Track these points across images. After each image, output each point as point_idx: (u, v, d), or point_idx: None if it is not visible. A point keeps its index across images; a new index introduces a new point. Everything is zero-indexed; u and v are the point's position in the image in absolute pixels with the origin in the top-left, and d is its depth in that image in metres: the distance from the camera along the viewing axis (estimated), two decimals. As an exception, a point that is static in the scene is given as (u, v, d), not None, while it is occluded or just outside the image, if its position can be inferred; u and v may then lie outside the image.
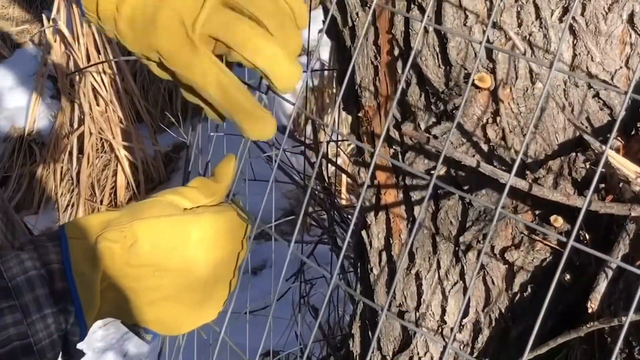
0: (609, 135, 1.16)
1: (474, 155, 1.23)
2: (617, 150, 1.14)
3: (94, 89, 4.22)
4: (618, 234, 1.06)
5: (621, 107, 1.17)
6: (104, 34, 1.05)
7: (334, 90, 3.50)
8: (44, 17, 4.72)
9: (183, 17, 0.98)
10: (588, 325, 1.06)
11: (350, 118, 1.47)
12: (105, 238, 0.99)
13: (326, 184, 2.35)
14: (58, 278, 0.97)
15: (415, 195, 1.33)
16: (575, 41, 1.16)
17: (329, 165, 2.47)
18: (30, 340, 0.95)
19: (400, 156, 1.32)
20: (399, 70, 1.28)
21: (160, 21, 0.99)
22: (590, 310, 1.03)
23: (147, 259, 1.00)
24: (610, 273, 1.04)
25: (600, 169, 0.80)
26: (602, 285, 1.03)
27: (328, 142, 2.56)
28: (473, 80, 1.19)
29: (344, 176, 3.58)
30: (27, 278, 0.96)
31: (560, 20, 1.15)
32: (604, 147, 0.99)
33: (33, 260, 0.97)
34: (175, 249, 1.02)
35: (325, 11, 1.39)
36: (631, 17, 1.15)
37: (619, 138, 1.15)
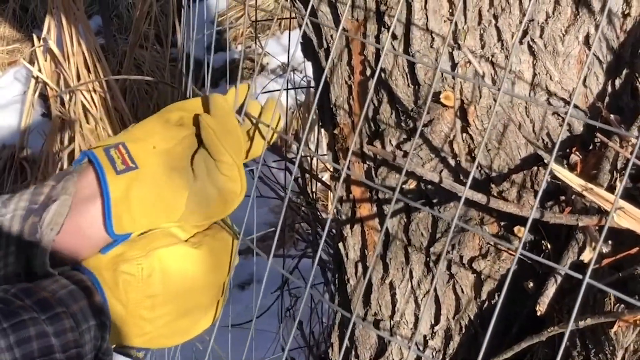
0: (567, 151, 1.23)
1: (442, 170, 1.30)
2: (575, 164, 1.20)
3: (84, 107, 4.26)
4: (568, 243, 1.13)
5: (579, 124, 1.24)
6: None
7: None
8: (35, 36, 4.77)
9: None
10: (549, 330, 1.12)
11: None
12: (124, 272, 1.02)
13: (310, 199, 2.41)
14: (94, 292, 1.00)
15: (387, 209, 1.39)
16: (535, 61, 1.23)
17: (315, 180, 2.53)
18: (80, 350, 0.96)
19: (373, 171, 1.38)
20: (371, 90, 1.35)
21: None
22: (539, 314, 1.09)
23: (160, 288, 1.04)
24: (559, 279, 1.10)
25: (545, 182, 0.86)
26: (550, 290, 1.10)
27: (311, 157, 2.62)
28: (439, 98, 1.26)
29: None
30: (68, 291, 0.97)
31: (521, 42, 1.22)
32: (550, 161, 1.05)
33: (64, 281, 0.99)
34: (183, 278, 1.06)
35: (304, 35, 1.45)
36: (587, 38, 1.21)
37: (577, 152, 1.21)
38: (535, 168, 1.24)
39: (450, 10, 1.26)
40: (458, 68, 1.26)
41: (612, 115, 1.19)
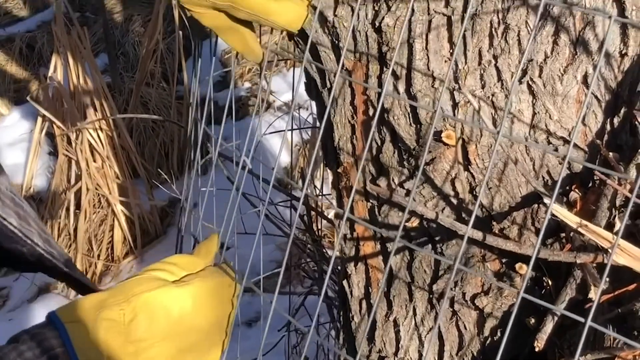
0: (567, 189, 1.25)
1: (444, 208, 1.32)
2: (575, 202, 1.22)
3: (90, 145, 4.29)
4: (567, 280, 1.14)
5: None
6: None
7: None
8: (41, 74, 4.81)
9: None
10: (551, 366, 1.13)
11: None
12: (105, 319, 1.00)
13: (315, 237, 2.42)
14: None
15: (391, 246, 1.41)
16: (534, 101, 1.25)
17: (320, 217, 2.54)
18: None
19: (376, 209, 1.40)
20: (374, 129, 1.37)
21: None
22: (537, 349, 1.11)
23: (145, 332, 1.02)
24: (558, 315, 1.11)
25: (546, 221, 0.88)
26: (548, 327, 1.11)
27: (318, 196, 2.64)
28: (440, 137, 1.28)
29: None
30: None
31: (520, 82, 1.24)
32: (550, 200, 1.06)
33: (32, 350, 0.97)
34: (171, 319, 1.04)
35: (307, 73, 1.48)
36: (585, 78, 1.23)
37: (576, 190, 1.23)
38: (536, 205, 1.26)
39: (451, 51, 1.28)
40: (459, 108, 1.28)
41: (610, 153, 1.21)
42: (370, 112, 1.38)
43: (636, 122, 1.27)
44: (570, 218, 1.07)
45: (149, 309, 1.03)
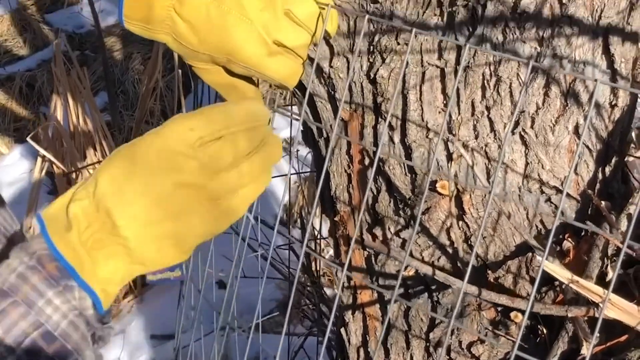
0: (560, 237, 1.27)
1: (439, 258, 1.33)
2: (568, 251, 1.24)
3: (90, 185, 4.30)
4: (559, 332, 1.16)
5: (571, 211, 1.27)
6: (153, 39, 1.12)
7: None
8: (41, 114, 4.83)
9: (254, 23, 1.11)
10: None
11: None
12: (74, 199, 0.97)
13: (314, 279, 2.44)
14: (47, 260, 0.96)
15: (388, 295, 1.42)
16: (527, 151, 1.27)
17: (319, 259, 2.56)
18: (47, 326, 0.95)
19: (373, 258, 1.41)
20: (370, 178, 1.39)
21: (232, 27, 1.10)
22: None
23: (110, 194, 0.95)
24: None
25: (539, 276, 0.90)
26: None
27: (317, 238, 2.66)
28: (435, 187, 1.30)
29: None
30: (18, 274, 0.96)
31: (513, 133, 1.26)
32: (540, 255, 1.08)
33: (20, 258, 0.97)
34: (133, 173, 0.96)
35: (304, 122, 1.50)
36: (576, 128, 1.25)
37: (569, 239, 1.25)
38: (530, 254, 1.28)
39: (445, 102, 1.30)
40: (453, 159, 1.30)
41: (602, 202, 1.23)
42: (366, 161, 1.40)
43: (627, 171, 1.29)
44: (561, 274, 1.09)
45: (111, 173, 0.97)
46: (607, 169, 1.29)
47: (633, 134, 1.37)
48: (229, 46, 1.13)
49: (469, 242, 1.31)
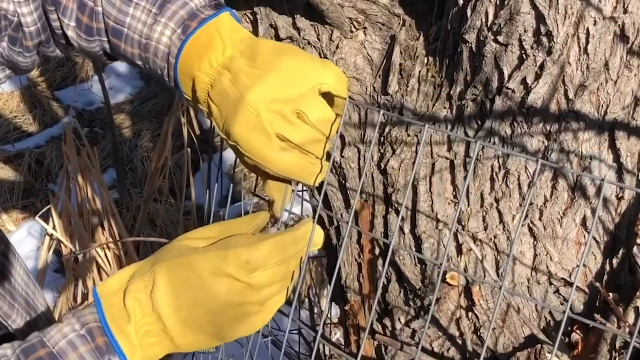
0: (568, 329, 1.28)
1: (449, 349, 1.35)
2: (576, 343, 1.25)
3: (97, 264, 4.32)
4: None
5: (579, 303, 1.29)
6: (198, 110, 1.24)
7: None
8: (49, 191, 4.86)
9: (261, 114, 1.14)
10: None
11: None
12: (130, 291, 1.07)
13: (322, 362, 2.43)
14: (98, 334, 1.05)
15: (398, 384, 1.43)
16: (535, 243, 1.29)
17: (328, 343, 2.55)
18: None
19: (383, 348, 1.42)
20: (380, 268, 1.41)
21: (240, 118, 1.15)
22: None
23: (165, 300, 1.07)
24: None
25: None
26: None
27: (325, 324, 2.65)
28: (445, 277, 1.31)
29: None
30: (68, 341, 1.04)
31: (521, 225, 1.28)
32: (549, 352, 1.09)
33: (72, 325, 1.06)
34: (189, 285, 1.08)
35: (313, 210, 1.52)
36: (584, 220, 1.28)
37: (577, 331, 1.26)
38: (539, 346, 1.29)
39: (454, 193, 1.33)
40: (462, 252, 1.32)
41: (610, 294, 1.25)
42: (377, 251, 1.42)
43: (635, 262, 1.31)
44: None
45: (166, 278, 1.09)
46: (615, 261, 1.31)
47: None
48: (234, 134, 1.17)
49: (479, 334, 1.33)
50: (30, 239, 5.46)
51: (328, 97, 1.17)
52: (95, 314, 1.07)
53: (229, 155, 5.47)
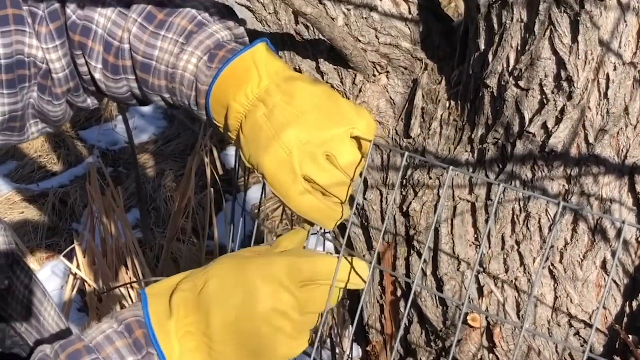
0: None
1: (470, 389, 1.36)
2: (598, 385, 1.25)
3: (120, 303, 4.34)
4: None
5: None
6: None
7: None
8: (73, 230, 4.89)
9: (292, 154, 1.18)
10: None
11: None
12: (179, 289, 1.10)
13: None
14: (136, 327, 1.08)
15: None
16: (555, 285, 1.30)
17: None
18: None
19: (405, 389, 1.44)
20: (402, 309, 1.42)
21: (271, 152, 1.18)
22: None
23: (214, 300, 1.09)
24: None
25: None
26: None
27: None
28: (466, 319, 1.33)
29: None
30: (105, 336, 1.07)
31: (542, 267, 1.30)
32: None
33: (109, 323, 1.09)
34: (239, 287, 1.10)
35: (336, 250, 1.53)
36: (604, 263, 1.29)
37: (598, 374, 1.27)
38: (561, 389, 1.30)
39: (475, 236, 1.34)
40: (483, 294, 1.33)
41: (630, 336, 1.25)
42: (399, 292, 1.43)
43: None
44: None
45: (218, 277, 1.12)
46: (635, 303, 1.32)
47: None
48: (263, 167, 1.19)
49: (500, 375, 1.34)
50: (54, 278, 5.49)
51: (356, 140, 1.20)
52: (134, 311, 1.10)
53: (252, 194, 5.50)
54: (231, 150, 5.89)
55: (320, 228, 1.27)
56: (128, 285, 4.32)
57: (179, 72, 1.25)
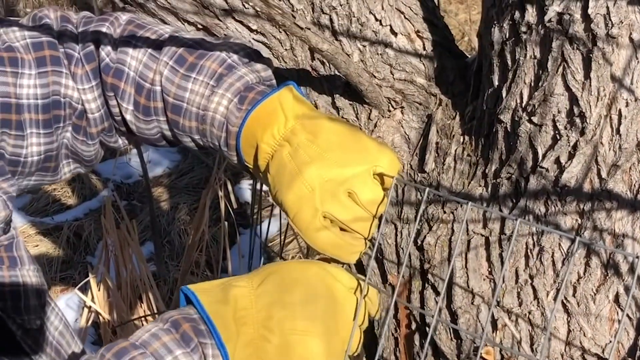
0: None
1: (485, 421, 1.36)
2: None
3: (135, 335, 4.34)
4: None
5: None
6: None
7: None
8: (88, 263, 4.90)
9: (314, 191, 1.20)
10: None
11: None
12: (231, 285, 1.13)
13: None
14: (183, 322, 1.09)
15: None
16: (569, 319, 1.32)
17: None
18: None
19: (419, 421, 1.45)
20: (417, 343, 1.43)
21: (294, 189, 1.20)
22: None
23: (272, 293, 1.12)
24: None
25: None
26: None
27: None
28: (480, 353, 1.33)
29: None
30: (151, 334, 1.08)
31: (555, 301, 1.31)
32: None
33: (155, 323, 1.11)
34: (298, 284, 1.14)
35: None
36: (617, 297, 1.30)
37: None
38: (574, 421, 1.31)
39: (489, 270, 1.36)
40: (498, 327, 1.34)
41: (644, 370, 1.26)
42: (413, 326, 1.44)
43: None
44: None
45: (279, 276, 1.15)
46: (648, 338, 1.33)
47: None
48: (285, 203, 1.21)
49: (514, 407, 1.34)
50: (68, 311, 5.49)
51: (379, 176, 1.22)
52: (178, 310, 1.13)
53: (265, 229, 5.49)
54: (245, 184, 5.90)
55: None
56: (142, 318, 4.33)
57: (210, 113, 1.27)
